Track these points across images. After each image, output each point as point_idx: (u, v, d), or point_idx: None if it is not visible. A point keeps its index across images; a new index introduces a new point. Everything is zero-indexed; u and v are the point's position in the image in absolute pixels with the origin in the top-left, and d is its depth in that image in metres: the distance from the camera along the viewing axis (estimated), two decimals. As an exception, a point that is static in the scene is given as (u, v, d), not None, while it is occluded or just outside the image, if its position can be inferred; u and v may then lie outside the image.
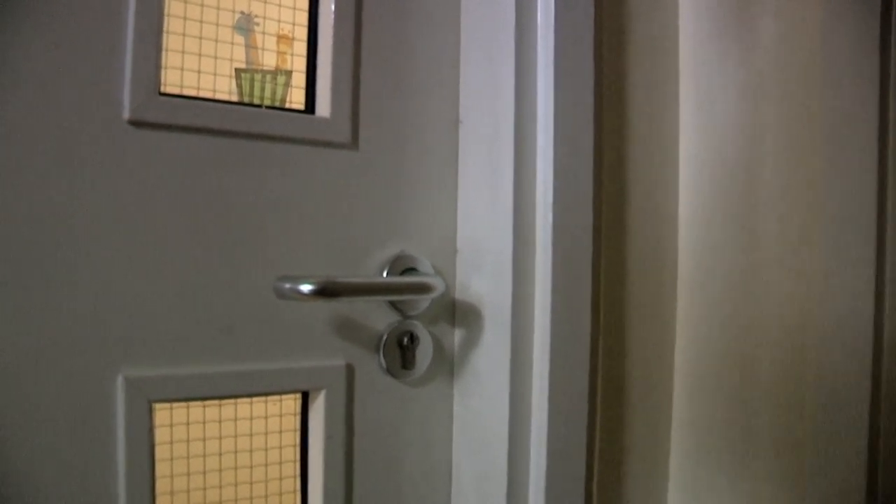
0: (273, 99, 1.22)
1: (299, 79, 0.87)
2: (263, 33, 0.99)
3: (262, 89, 1.22)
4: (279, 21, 0.91)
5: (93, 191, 0.72)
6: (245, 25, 1.29)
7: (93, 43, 0.72)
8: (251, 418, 0.91)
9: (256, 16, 1.22)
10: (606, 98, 0.94)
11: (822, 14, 0.85)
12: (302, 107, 0.87)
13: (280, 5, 0.91)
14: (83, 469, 0.72)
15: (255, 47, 1.30)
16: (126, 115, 0.74)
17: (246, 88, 1.22)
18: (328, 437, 0.84)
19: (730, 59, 0.95)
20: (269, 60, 1.24)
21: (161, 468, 0.79)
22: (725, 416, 0.95)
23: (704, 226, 0.98)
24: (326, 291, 0.75)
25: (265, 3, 0.92)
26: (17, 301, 0.69)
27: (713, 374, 0.96)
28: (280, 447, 0.89)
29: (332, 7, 0.84)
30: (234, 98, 1.13)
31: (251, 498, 0.89)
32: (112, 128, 0.73)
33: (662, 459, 1.01)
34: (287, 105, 0.95)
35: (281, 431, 0.90)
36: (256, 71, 1.27)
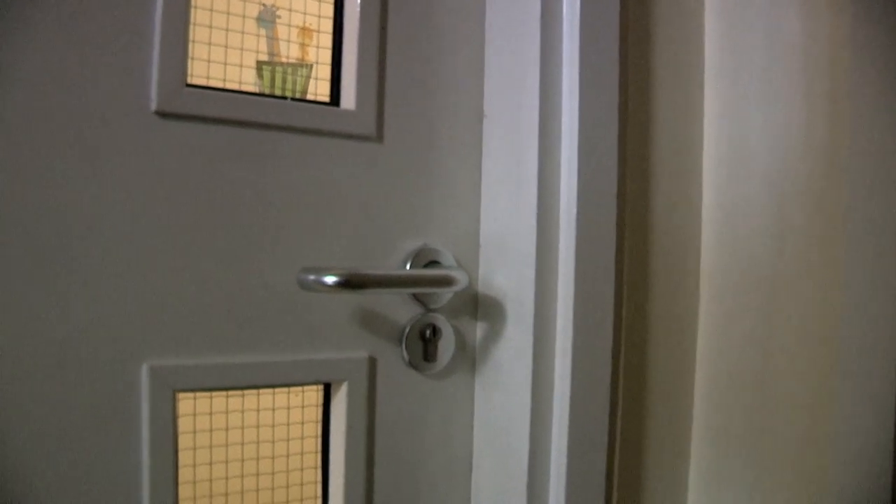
0: (294, 91, 1.22)
1: (324, 71, 0.87)
2: (289, 25, 0.99)
3: (284, 81, 1.22)
4: (305, 14, 0.91)
5: (119, 181, 0.73)
6: (267, 18, 1.29)
7: (120, 34, 0.73)
8: (273, 409, 0.92)
9: (279, 8, 1.22)
10: (631, 92, 0.93)
11: (852, 9, 0.84)
12: (327, 99, 0.87)
13: (304, -3, 0.91)
14: (108, 456, 0.72)
15: (278, 39, 1.30)
16: (153, 106, 0.74)
17: (267, 81, 1.23)
18: (350, 429, 0.84)
19: (755, 55, 0.94)
20: (291, 53, 1.24)
21: (183, 457, 0.80)
22: (747, 412, 0.94)
23: (728, 222, 0.97)
24: (351, 283, 0.75)
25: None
26: (43, 292, 0.69)
27: (735, 369, 0.96)
28: (302, 438, 0.90)
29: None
30: (257, 90, 1.14)
31: (272, 488, 0.89)
32: (139, 119, 0.74)
33: (683, 453, 1.00)
34: (310, 97, 0.95)
35: (303, 422, 0.90)
36: (278, 64, 1.27)
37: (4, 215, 0.68)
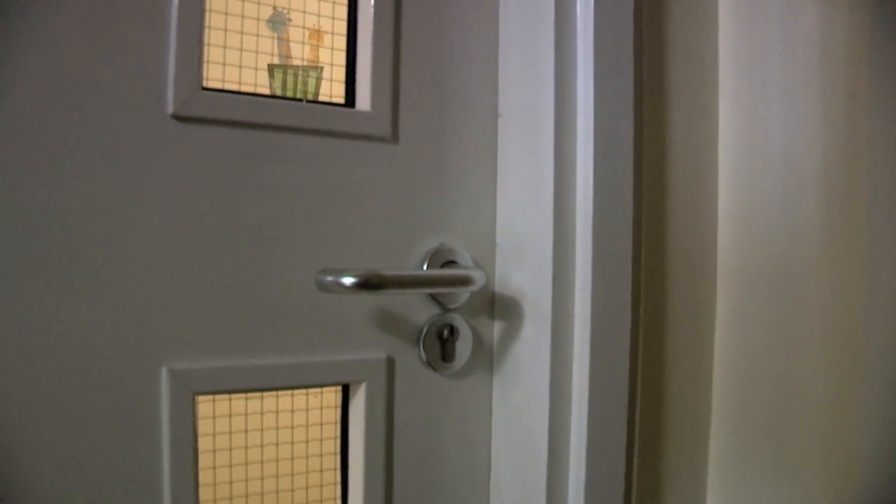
0: (305, 93, 1.23)
1: (339, 73, 0.87)
2: (304, 28, 1.00)
3: (296, 84, 1.23)
4: (319, 16, 0.91)
5: (137, 185, 0.73)
6: (278, 20, 1.29)
7: (137, 39, 0.73)
8: (292, 411, 0.92)
9: (288, 10, 1.23)
10: (646, 89, 0.93)
11: (870, 4, 0.84)
12: (342, 101, 0.87)
13: (313, -1, 0.92)
14: (129, 459, 0.73)
15: (289, 42, 1.30)
16: (170, 110, 0.74)
17: (278, 84, 1.23)
18: (368, 430, 0.84)
19: (771, 52, 0.94)
20: (301, 55, 1.24)
21: (203, 459, 0.80)
22: (766, 410, 0.94)
23: (745, 219, 0.97)
24: (369, 284, 0.75)
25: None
26: (63, 296, 0.70)
27: (753, 369, 0.96)
28: (321, 439, 0.90)
29: (372, 1, 0.85)
30: (268, 93, 1.14)
31: (292, 490, 0.89)
32: (156, 123, 0.74)
33: (701, 453, 1.00)
34: (325, 99, 0.95)
35: (321, 424, 0.90)
36: (289, 67, 1.28)
37: (24, 218, 0.68)
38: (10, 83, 0.67)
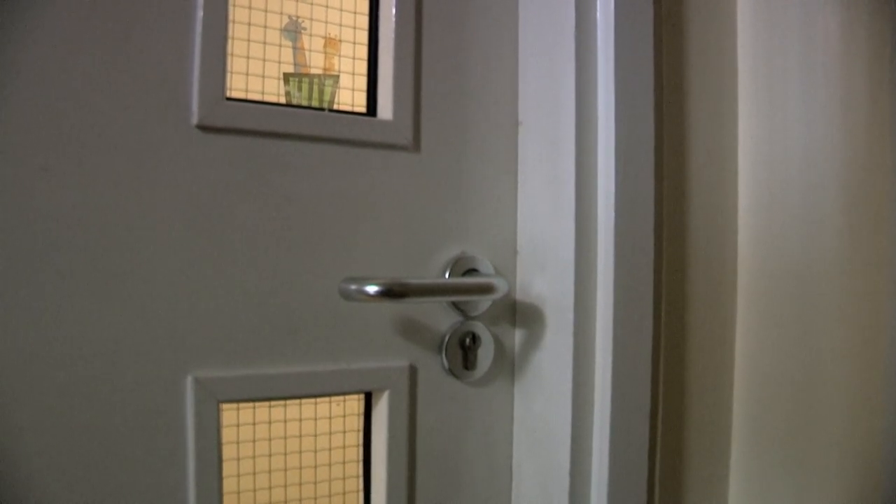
0: (321, 101, 1.23)
1: (361, 82, 0.88)
2: (325, 36, 1.00)
3: (310, 92, 1.23)
4: (340, 25, 0.91)
5: (162, 194, 0.73)
6: (293, 29, 1.30)
7: (162, 50, 0.73)
8: (315, 419, 0.92)
9: (304, 19, 1.24)
10: (666, 98, 0.93)
11: (892, 5, 0.84)
12: (364, 110, 0.88)
13: (327, 6, 0.92)
14: (154, 467, 0.73)
15: (304, 50, 1.31)
16: (194, 120, 0.75)
17: (294, 92, 1.24)
18: (391, 437, 0.84)
19: (790, 55, 0.94)
20: (318, 63, 1.25)
21: (227, 468, 0.80)
22: (788, 415, 0.94)
23: (764, 224, 0.97)
24: (393, 292, 0.76)
25: (312, 5, 0.93)
26: (90, 304, 0.70)
27: (774, 371, 0.95)
28: (343, 447, 0.90)
29: (393, 10, 0.85)
30: (284, 101, 1.15)
31: (315, 497, 0.90)
32: (181, 133, 0.74)
33: (723, 457, 1.00)
34: (346, 108, 0.96)
35: (344, 432, 0.91)
36: (304, 75, 1.28)
37: (49, 226, 0.69)
38: (37, 93, 0.68)
